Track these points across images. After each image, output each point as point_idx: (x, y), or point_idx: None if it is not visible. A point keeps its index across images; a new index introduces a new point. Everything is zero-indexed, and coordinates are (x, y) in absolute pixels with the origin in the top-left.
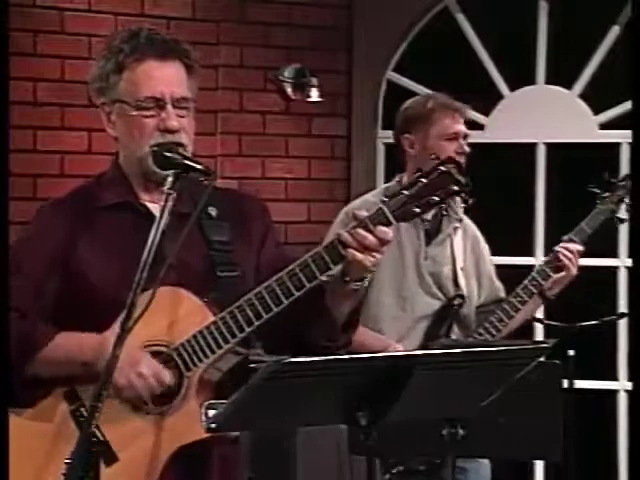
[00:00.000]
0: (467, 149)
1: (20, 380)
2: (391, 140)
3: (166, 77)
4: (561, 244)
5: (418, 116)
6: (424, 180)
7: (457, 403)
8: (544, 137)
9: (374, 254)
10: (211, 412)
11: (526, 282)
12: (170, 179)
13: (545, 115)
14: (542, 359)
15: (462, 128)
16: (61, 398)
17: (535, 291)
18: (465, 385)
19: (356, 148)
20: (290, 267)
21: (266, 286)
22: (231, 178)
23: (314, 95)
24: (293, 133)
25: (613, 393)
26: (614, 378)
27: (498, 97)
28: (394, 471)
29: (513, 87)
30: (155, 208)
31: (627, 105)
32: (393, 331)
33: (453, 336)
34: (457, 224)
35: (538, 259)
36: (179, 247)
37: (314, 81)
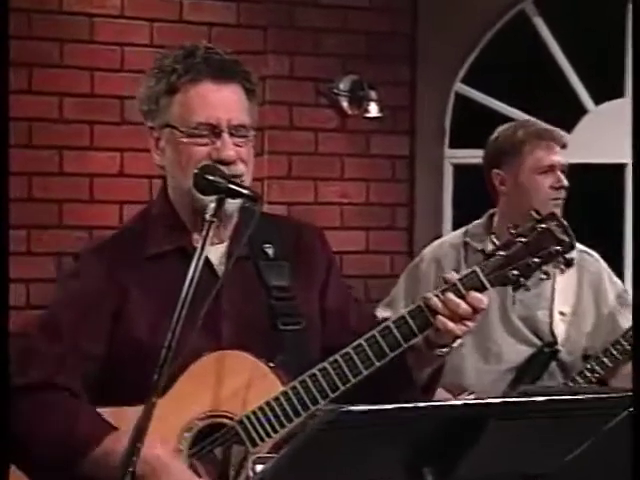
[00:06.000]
0: (566, 183)
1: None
2: (460, 160)
3: (224, 102)
4: None
5: (508, 149)
6: (522, 240)
7: (536, 458)
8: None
9: (467, 323)
10: (259, 467)
11: (629, 327)
12: (212, 205)
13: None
14: (632, 409)
15: (559, 159)
16: None
17: None
18: (545, 438)
19: (420, 169)
20: (369, 333)
21: (343, 354)
22: (279, 203)
23: (373, 110)
24: (349, 152)
25: None
26: None
27: (582, 112)
28: None
29: (598, 100)
30: (212, 251)
31: None
32: (476, 384)
33: (551, 383)
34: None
35: (628, 293)
36: (237, 296)
37: (373, 94)
